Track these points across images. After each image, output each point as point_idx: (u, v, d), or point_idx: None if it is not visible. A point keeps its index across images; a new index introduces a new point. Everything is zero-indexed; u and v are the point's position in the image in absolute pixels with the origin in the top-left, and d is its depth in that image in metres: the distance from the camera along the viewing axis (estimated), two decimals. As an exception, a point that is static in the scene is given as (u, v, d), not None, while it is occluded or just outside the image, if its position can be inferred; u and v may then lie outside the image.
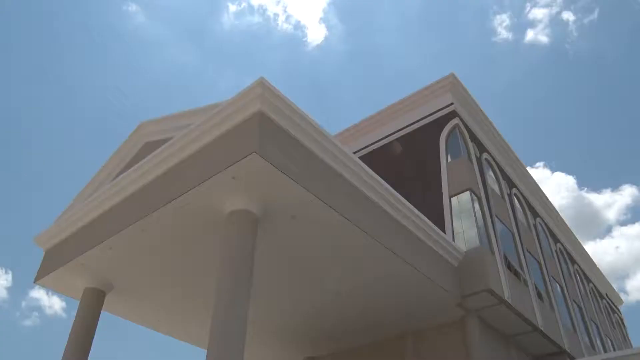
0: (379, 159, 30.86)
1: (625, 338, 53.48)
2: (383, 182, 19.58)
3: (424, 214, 22.02)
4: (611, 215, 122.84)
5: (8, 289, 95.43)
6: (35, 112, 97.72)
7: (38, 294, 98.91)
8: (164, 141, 18.92)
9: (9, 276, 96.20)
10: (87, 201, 20.92)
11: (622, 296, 60.61)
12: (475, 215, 25.38)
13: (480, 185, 27.50)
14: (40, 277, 22.46)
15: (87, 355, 21.27)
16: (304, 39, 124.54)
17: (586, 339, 35.28)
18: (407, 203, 20.78)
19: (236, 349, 14.58)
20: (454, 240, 24.40)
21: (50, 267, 22.10)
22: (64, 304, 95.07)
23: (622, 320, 57.56)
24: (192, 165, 16.89)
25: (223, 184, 15.94)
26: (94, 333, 21.67)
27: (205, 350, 15.32)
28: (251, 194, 16.27)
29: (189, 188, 16.33)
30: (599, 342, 39.09)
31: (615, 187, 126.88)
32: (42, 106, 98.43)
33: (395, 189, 20.40)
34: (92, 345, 21.56)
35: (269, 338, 27.24)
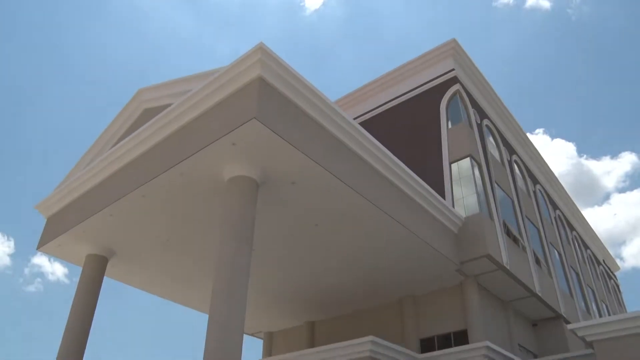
0: (379, 125, 30.72)
1: (620, 303, 54.25)
2: (383, 148, 19.53)
3: (424, 181, 22.07)
4: (610, 182, 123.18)
5: (11, 255, 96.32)
6: (35, 80, 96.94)
7: (40, 260, 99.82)
8: (163, 108, 18.81)
9: (12, 243, 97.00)
10: (87, 168, 20.91)
11: (618, 262, 61.28)
12: (475, 182, 25.40)
13: (481, 152, 27.47)
14: (43, 244, 22.62)
15: (91, 320, 21.58)
16: (302, 4, 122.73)
17: (582, 304, 35.77)
18: (407, 169, 20.78)
19: (238, 313, 14.76)
20: (453, 206, 24.49)
21: (52, 234, 22.24)
22: (66, 270, 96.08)
23: (617, 286, 58.29)
24: (191, 132, 16.81)
25: (223, 151, 15.91)
26: (97, 298, 21.95)
27: (207, 315, 15.55)
28: (251, 160, 16.24)
29: (189, 155, 16.30)
30: (594, 307, 39.65)
31: (614, 154, 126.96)
32: (40, 74, 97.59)
33: (396, 156, 20.37)
34: (96, 310, 21.92)
35: (270, 303, 27.62)
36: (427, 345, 24.16)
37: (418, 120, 29.57)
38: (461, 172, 25.90)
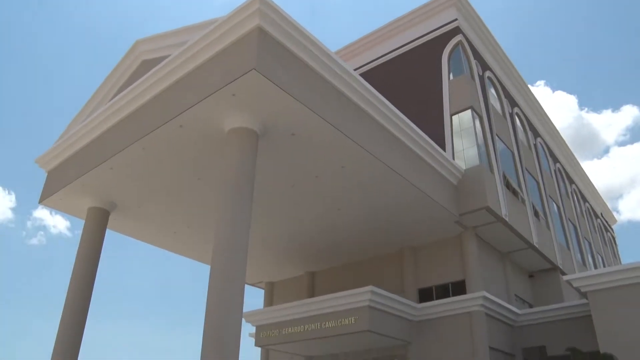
0: (380, 77, 30.35)
1: (615, 255, 55.01)
2: (384, 99, 19.37)
3: (425, 132, 21.96)
4: (610, 135, 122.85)
5: (13, 209, 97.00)
6: (32, 33, 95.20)
7: (42, 214, 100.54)
8: (161, 59, 18.52)
9: (13, 197, 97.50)
10: (85, 122, 20.79)
11: (615, 215, 61.68)
12: (475, 134, 25.32)
13: (482, 104, 27.26)
14: (45, 197, 22.73)
15: (95, 272, 21.92)
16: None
17: (578, 256, 36.28)
18: (408, 121, 20.67)
19: (239, 263, 14.98)
20: (453, 158, 24.50)
21: (54, 188, 22.31)
22: (68, 223, 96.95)
23: (614, 238, 58.94)
24: (190, 83, 16.62)
25: (222, 102, 15.76)
26: (101, 251, 22.23)
27: (209, 266, 15.78)
28: (251, 112, 16.13)
29: (188, 106, 16.16)
30: (590, 259, 40.22)
31: (616, 107, 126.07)
32: (38, 26, 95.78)
33: (396, 108, 20.22)
34: (100, 262, 22.24)
35: (271, 254, 27.98)
36: (425, 295, 24.65)
37: (419, 72, 29.20)
38: (462, 124, 25.78)
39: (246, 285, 16.02)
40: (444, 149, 24.45)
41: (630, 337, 18.30)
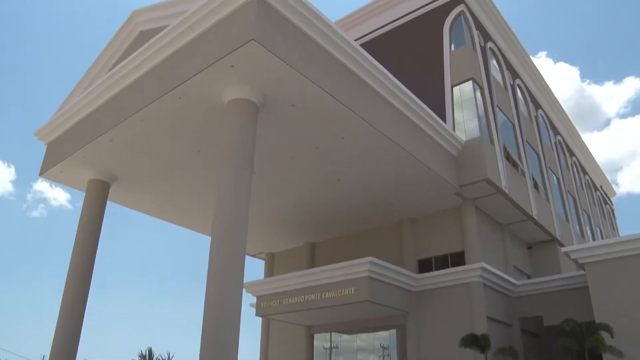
0: (380, 47, 29.99)
1: (614, 228, 55.25)
2: (384, 70, 19.20)
3: (425, 104, 21.83)
4: (611, 108, 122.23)
5: (13, 182, 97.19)
6: (30, 4, 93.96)
7: (42, 186, 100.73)
8: (159, 30, 18.27)
9: (13, 170, 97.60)
10: (84, 94, 20.65)
11: (614, 188, 61.71)
12: (476, 106, 25.19)
13: (483, 75, 27.03)
14: (45, 170, 22.73)
15: (97, 244, 22.07)
16: None
17: (577, 228, 36.46)
18: (408, 92, 20.53)
19: (239, 234, 15.08)
20: (454, 130, 24.41)
21: (53, 160, 22.30)
22: (68, 195, 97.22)
23: (613, 211, 59.09)
24: (189, 54, 16.44)
25: (221, 73, 15.63)
26: (102, 222, 22.35)
27: (210, 237, 15.88)
28: (250, 83, 16.01)
29: (187, 78, 16.03)
30: (589, 231, 40.43)
31: (618, 79, 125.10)
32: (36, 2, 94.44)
33: (397, 79, 20.06)
34: (101, 234, 22.39)
35: (272, 225, 28.11)
36: (424, 265, 24.86)
37: (420, 43, 28.88)
38: (463, 96, 25.63)
39: (246, 256, 16.18)
40: (444, 120, 24.34)
41: (625, 307, 18.54)
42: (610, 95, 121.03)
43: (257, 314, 24.79)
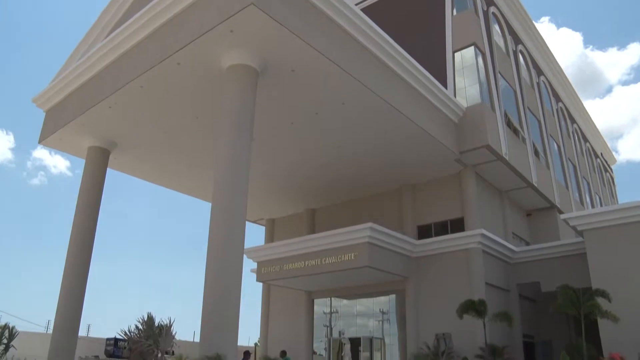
0: (381, 12, 29.50)
1: (613, 195, 55.37)
2: (385, 34, 18.96)
3: (426, 69, 21.62)
4: (614, 74, 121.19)
5: (12, 149, 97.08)
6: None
7: (41, 154, 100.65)
8: (157, -7, 17.98)
9: (11, 137, 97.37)
10: (81, 60, 20.44)
11: (614, 155, 61.49)
12: (478, 72, 24.95)
13: (485, 41, 26.67)
14: (44, 137, 22.68)
15: (98, 211, 22.19)
16: None
17: (576, 195, 36.55)
18: (409, 57, 20.32)
19: (239, 200, 15.14)
20: (455, 96, 24.25)
21: (52, 127, 22.22)
22: (68, 162, 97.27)
23: (612, 178, 59.12)
24: (187, 19, 16.19)
25: (221, 38, 15.44)
26: (102, 189, 22.41)
27: (210, 203, 15.95)
28: (250, 48, 15.83)
29: (186, 43, 15.84)
30: (588, 198, 40.54)
31: (622, 45, 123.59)
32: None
33: (397, 44, 19.81)
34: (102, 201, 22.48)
35: (272, 191, 28.20)
36: (424, 232, 25.04)
37: (422, 7, 28.43)
38: (464, 62, 25.36)
39: (247, 223, 16.26)
40: (445, 86, 24.15)
41: (622, 274, 18.76)
42: (614, 62, 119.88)
43: (258, 280, 25.10)
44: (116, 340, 32.62)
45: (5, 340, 19.13)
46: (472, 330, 20.33)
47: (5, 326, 19.83)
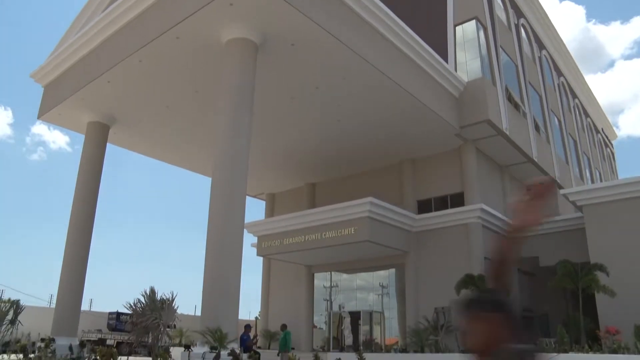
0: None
1: (613, 171, 55.40)
2: (385, 8, 18.73)
3: (427, 43, 21.42)
4: (616, 49, 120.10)
5: (11, 125, 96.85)
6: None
7: (40, 129, 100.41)
8: (155, -35, 17.72)
9: (10, 113, 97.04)
10: (79, 34, 20.25)
11: (615, 130, 61.31)
12: (479, 46, 24.71)
13: (487, 14, 26.34)
14: (43, 113, 22.61)
15: (99, 186, 22.25)
16: None
17: (577, 170, 36.56)
18: (410, 31, 20.11)
19: (240, 175, 15.17)
20: (456, 70, 24.07)
21: (52, 103, 22.14)
22: (67, 138, 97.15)
23: (613, 154, 59.07)
24: (186, -8, 16.02)
25: (220, 12, 15.28)
26: (102, 164, 22.42)
27: (210, 178, 15.98)
28: (249, 22, 15.67)
29: (185, 17, 15.68)
30: (588, 174, 40.57)
31: (625, 19, 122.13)
32: None
33: (398, 17, 19.59)
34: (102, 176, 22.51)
35: (272, 165, 28.23)
36: (424, 206, 25.11)
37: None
38: (465, 36, 25.11)
39: (247, 197, 16.30)
40: (446, 60, 23.94)
41: (620, 249, 18.88)
42: (616, 36, 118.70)
43: (259, 254, 25.28)
44: (118, 314, 33.05)
45: (9, 316, 19.43)
46: (470, 304, 20.51)
47: (12, 301, 20.10)
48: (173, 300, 16.49)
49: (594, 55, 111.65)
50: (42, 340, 17.50)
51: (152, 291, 16.38)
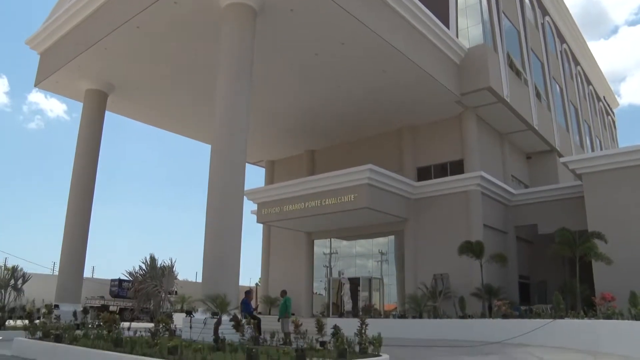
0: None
1: (614, 139, 55.20)
2: (386, -28, 18.40)
3: (428, 9, 21.08)
4: (620, 14, 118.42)
5: (7, 93, 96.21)
6: None
7: (37, 97, 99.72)
8: None
9: (5, 81, 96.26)
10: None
11: (616, 98, 60.79)
12: (481, 11, 24.33)
13: (490, -21, 25.88)
14: (40, 81, 22.41)
15: (98, 154, 22.23)
16: None
17: (577, 138, 36.44)
18: (411, -4, 19.78)
19: (239, 142, 15.10)
20: (457, 37, 23.77)
21: (48, 70, 21.92)
22: (65, 106, 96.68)
23: (614, 122, 58.75)
24: (182, -46, 15.69)
25: (217, -25, 15.03)
26: (101, 133, 22.35)
27: (210, 145, 15.93)
28: (247, -15, 15.41)
29: (182, -20, 15.43)
30: (588, 142, 40.45)
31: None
32: None
33: (399, -18, 19.25)
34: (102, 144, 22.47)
35: (271, 132, 28.16)
36: (423, 173, 25.13)
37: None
38: (467, 1, 24.71)
39: (247, 164, 16.28)
40: (447, 26, 23.63)
41: (618, 217, 18.94)
42: (620, 1, 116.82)
43: (259, 221, 25.42)
44: (120, 281, 33.44)
45: (14, 282, 19.68)
46: (469, 271, 20.74)
47: (18, 269, 20.31)
48: (172, 267, 16.71)
49: (597, 20, 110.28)
50: (47, 307, 17.80)
51: (152, 258, 16.61)
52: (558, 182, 27.25)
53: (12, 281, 19.53)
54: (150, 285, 15.99)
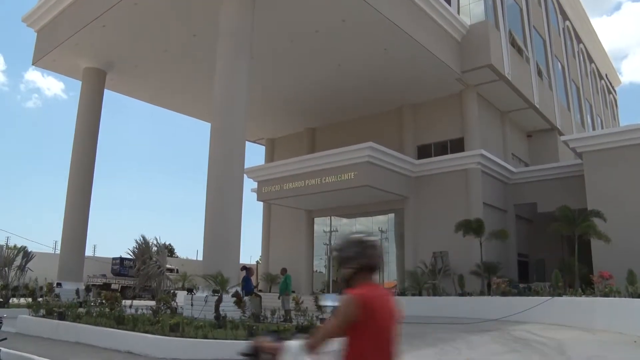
0: None
1: (615, 118, 54.98)
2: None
3: (430, -15, 20.86)
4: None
5: (4, 72, 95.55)
6: None
7: (34, 76, 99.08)
8: None
9: (1, 59, 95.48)
10: (72, -26, 19.67)
11: (618, 77, 60.36)
12: (483, -13, 24.04)
13: (492, -46, 25.52)
14: (37, 59, 22.24)
15: (97, 132, 22.18)
16: None
17: (578, 117, 36.29)
18: (413, -28, 19.53)
19: (239, 120, 15.07)
20: (458, 13, 23.52)
21: (45, 48, 21.74)
22: (62, 84, 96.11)
23: (615, 100, 58.43)
24: None
25: (215, -50, 14.82)
26: (101, 111, 22.27)
27: (210, 124, 15.88)
28: (246, -39, 15.21)
29: (180, -45, 15.22)
30: (589, 120, 40.29)
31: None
32: None
33: (401, -43, 18.98)
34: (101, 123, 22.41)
35: (272, 110, 28.04)
36: (424, 151, 25.09)
37: None
38: (469, -23, 24.39)
39: (247, 142, 16.26)
40: (448, 3, 23.36)
41: (618, 195, 18.97)
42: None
43: (259, 199, 25.47)
44: (122, 259, 33.59)
45: (18, 261, 19.80)
46: (468, 248, 20.83)
47: (20, 248, 20.44)
48: (164, 245, 16.84)
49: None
50: (48, 285, 17.99)
51: (144, 238, 16.78)
52: (558, 161, 27.21)
53: (21, 260, 19.73)
54: (150, 265, 16.12)
